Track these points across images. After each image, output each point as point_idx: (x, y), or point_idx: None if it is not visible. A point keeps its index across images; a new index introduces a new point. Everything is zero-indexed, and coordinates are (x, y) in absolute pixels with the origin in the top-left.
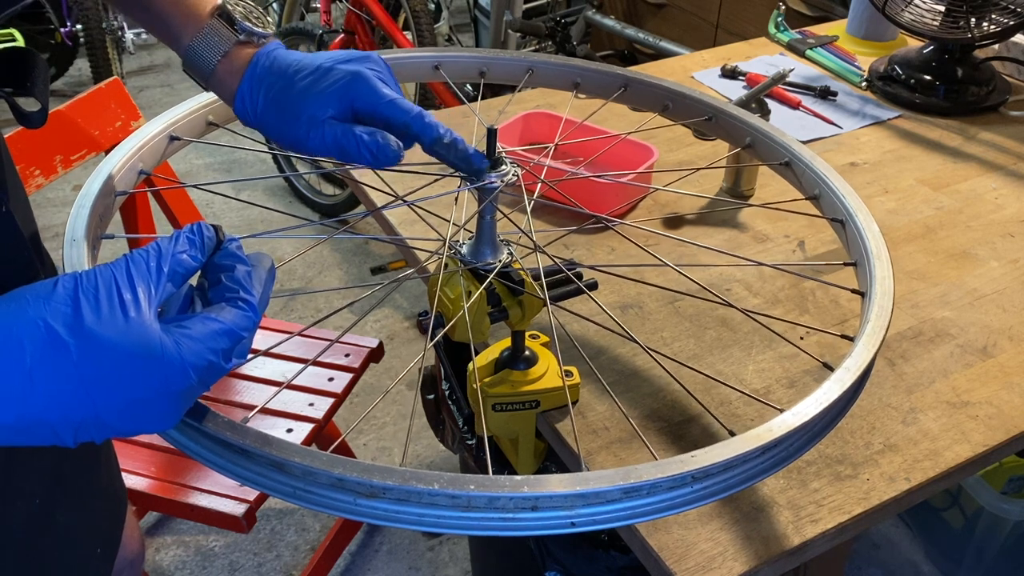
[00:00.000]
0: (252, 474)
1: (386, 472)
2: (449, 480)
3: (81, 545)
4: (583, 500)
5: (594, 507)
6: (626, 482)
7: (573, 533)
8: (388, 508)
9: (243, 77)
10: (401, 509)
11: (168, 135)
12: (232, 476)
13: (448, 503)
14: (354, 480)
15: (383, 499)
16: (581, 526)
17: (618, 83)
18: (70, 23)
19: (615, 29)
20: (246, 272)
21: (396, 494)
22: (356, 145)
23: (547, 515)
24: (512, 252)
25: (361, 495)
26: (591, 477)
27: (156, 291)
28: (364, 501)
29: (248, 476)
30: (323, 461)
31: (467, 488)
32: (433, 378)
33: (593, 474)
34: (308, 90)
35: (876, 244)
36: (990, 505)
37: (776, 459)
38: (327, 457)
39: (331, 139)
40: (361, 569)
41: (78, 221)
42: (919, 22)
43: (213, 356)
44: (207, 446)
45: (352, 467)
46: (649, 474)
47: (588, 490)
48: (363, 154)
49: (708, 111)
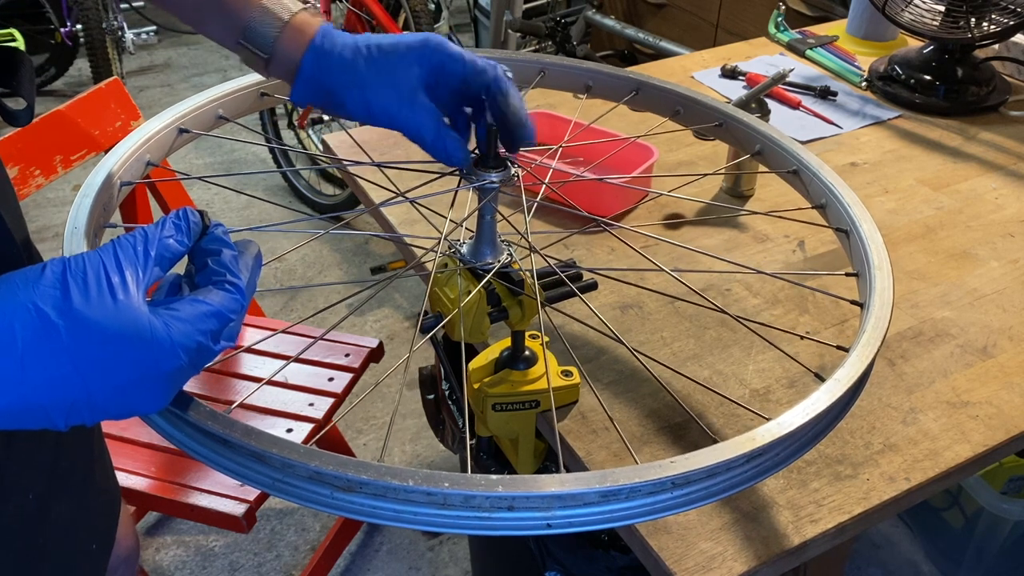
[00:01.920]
0: (234, 464)
1: (362, 467)
2: (424, 477)
3: (75, 541)
4: (560, 502)
5: (571, 509)
6: (603, 485)
7: (552, 534)
8: (364, 503)
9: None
10: (377, 504)
11: (177, 127)
12: (214, 466)
13: (424, 500)
14: (331, 473)
15: (359, 493)
16: (557, 528)
17: (629, 87)
18: (70, 23)
19: (615, 29)
20: (232, 256)
21: (372, 489)
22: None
23: (523, 515)
24: (512, 252)
25: (338, 488)
26: (568, 479)
27: (144, 275)
28: (341, 495)
29: (229, 466)
30: (300, 453)
31: (442, 486)
32: (433, 378)
33: (571, 476)
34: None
35: (878, 255)
36: (990, 505)
37: (762, 467)
38: (304, 450)
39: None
40: (361, 569)
41: (81, 210)
42: (919, 22)
43: (202, 337)
44: (191, 435)
45: (329, 460)
46: (627, 478)
47: (565, 492)
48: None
49: (719, 117)
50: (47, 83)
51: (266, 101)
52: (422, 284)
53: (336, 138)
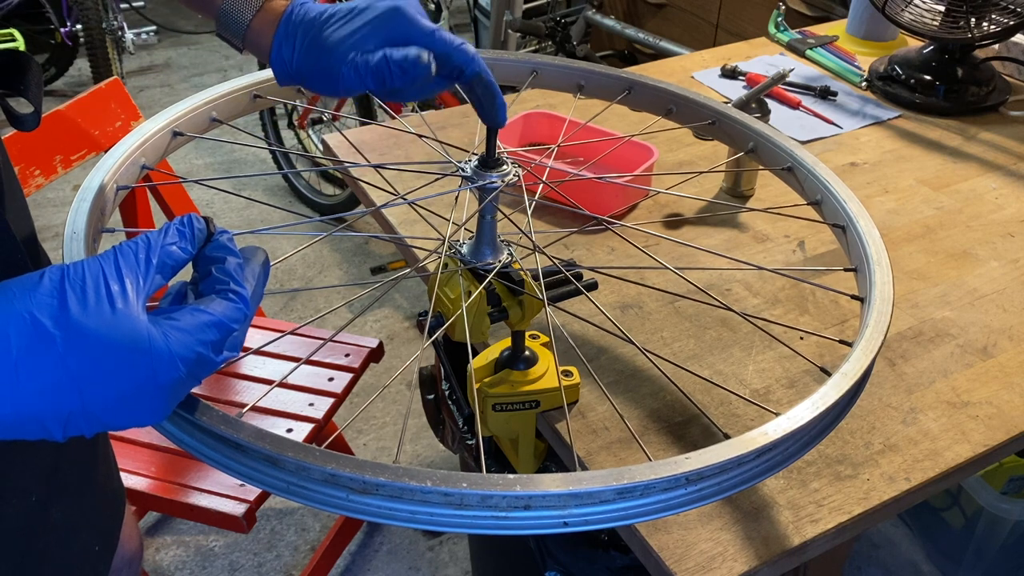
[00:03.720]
0: (246, 469)
1: (379, 468)
2: (442, 478)
3: (78, 542)
4: (576, 500)
5: (587, 507)
6: (619, 483)
7: (568, 533)
8: (381, 505)
9: (276, 30)
10: (394, 506)
11: (171, 130)
12: (226, 471)
13: (441, 501)
14: (347, 476)
15: (376, 495)
16: (574, 526)
17: (622, 86)
18: (70, 23)
19: (615, 29)
20: (237, 264)
21: (389, 491)
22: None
23: (540, 514)
24: (512, 252)
25: (354, 491)
26: (585, 477)
27: (144, 283)
28: (357, 497)
29: (242, 471)
30: (317, 456)
31: (460, 486)
32: (433, 378)
33: (587, 474)
34: (344, 30)
35: (876, 250)
36: (990, 505)
37: (772, 462)
38: (321, 452)
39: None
40: (361, 569)
41: (79, 215)
42: (919, 22)
43: (202, 348)
44: (202, 440)
45: (345, 463)
46: (643, 475)
47: (581, 490)
48: (393, 72)
49: (711, 115)
50: (47, 83)
51: (259, 103)
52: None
53: (336, 138)
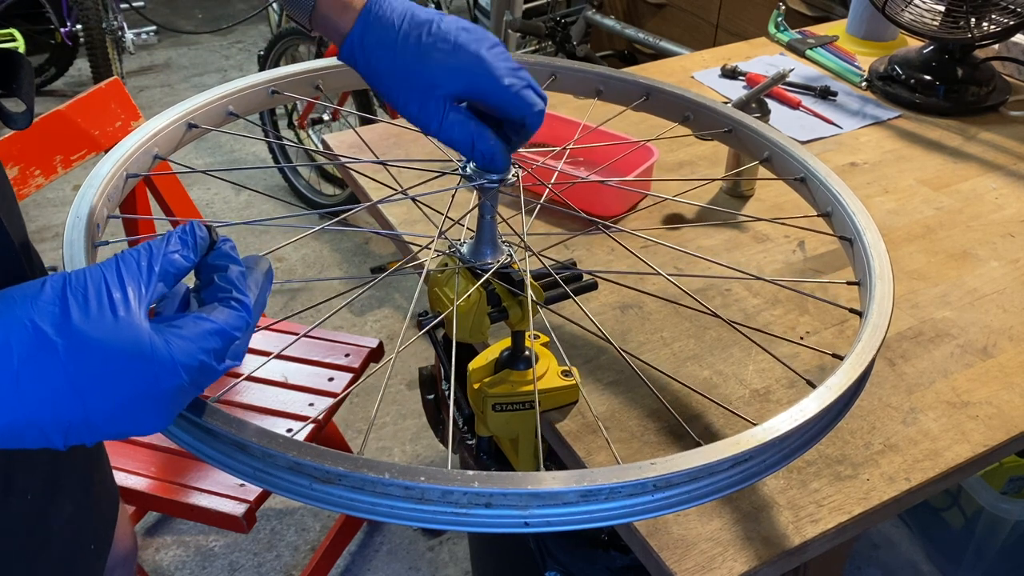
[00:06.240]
0: (217, 454)
1: (340, 459)
2: (401, 471)
3: (74, 541)
4: (538, 500)
5: (550, 508)
6: (581, 485)
7: (527, 532)
8: (343, 495)
9: (356, 20)
10: (355, 497)
11: (186, 122)
12: (200, 455)
13: (402, 494)
14: (310, 465)
15: (338, 485)
16: (535, 526)
17: (640, 92)
18: (70, 23)
19: (615, 29)
20: (239, 272)
21: (350, 481)
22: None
23: (501, 513)
24: (512, 253)
25: (317, 480)
26: (546, 477)
27: (147, 291)
28: (319, 486)
29: (213, 456)
30: (280, 444)
31: (419, 480)
32: (433, 378)
33: (549, 474)
34: (428, 56)
35: (881, 265)
36: (990, 505)
37: (748, 472)
38: (284, 440)
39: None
40: (361, 569)
41: (85, 199)
42: (919, 22)
43: (204, 356)
44: (178, 423)
45: (308, 451)
46: (606, 478)
47: (543, 490)
48: (475, 157)
49: (728, 123)
50: (47, 83)
51: (276, 99)
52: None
53: (336, 138)
